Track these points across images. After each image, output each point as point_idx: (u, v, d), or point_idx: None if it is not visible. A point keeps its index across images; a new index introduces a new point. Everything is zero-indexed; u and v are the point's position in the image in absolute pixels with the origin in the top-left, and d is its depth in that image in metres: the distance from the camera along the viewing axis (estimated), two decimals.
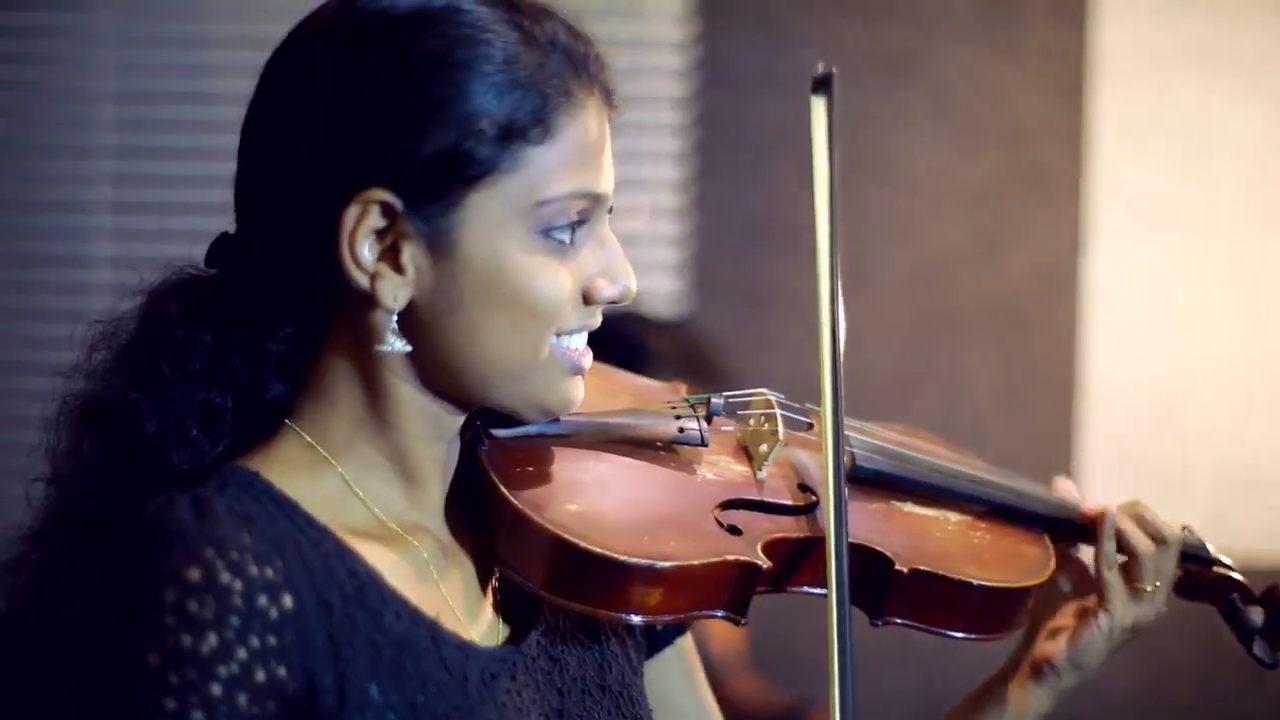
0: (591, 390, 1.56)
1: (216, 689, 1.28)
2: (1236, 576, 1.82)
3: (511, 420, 1.48)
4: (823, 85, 1.67)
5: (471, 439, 1.49)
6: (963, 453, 1.86)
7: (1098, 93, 4.30)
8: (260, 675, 1.29)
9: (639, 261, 4.46)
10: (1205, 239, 4.32)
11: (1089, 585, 1.76)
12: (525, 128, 1.38)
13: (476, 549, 1.49)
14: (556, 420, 1.50)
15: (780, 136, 4.34)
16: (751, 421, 1.66)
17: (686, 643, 1.67)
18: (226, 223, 1.50)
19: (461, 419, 1.48)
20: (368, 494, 1.44)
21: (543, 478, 1.48)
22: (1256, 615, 1.79)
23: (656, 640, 1.64)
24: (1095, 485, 4.34)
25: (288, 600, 1.31)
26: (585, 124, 1.42)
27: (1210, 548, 1.84)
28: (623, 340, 3.51)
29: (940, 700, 2.01)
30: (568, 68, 1.41)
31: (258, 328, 1.44)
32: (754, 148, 4.34)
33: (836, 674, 1.43)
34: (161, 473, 1.41)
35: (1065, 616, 1.75)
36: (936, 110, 4.35)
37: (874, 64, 4.34)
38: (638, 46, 4.35)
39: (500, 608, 1.50)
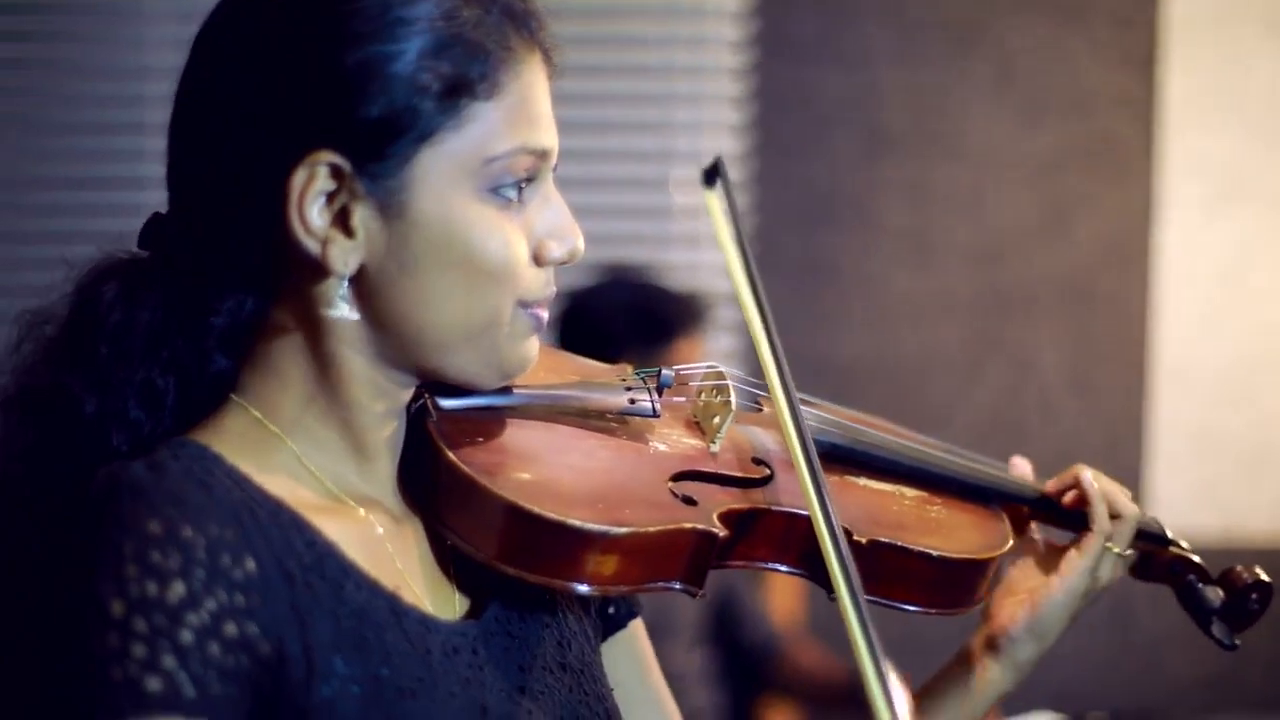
0: (539, 368, 1.53)
1: (187, 636, 1.23)
2: (1193, 558, 1.79)
3: (459, 392, 1.46)
4: (712, 176, 1.71)
5: (419, 411, 1.46)
6: (907, 433, 1.81)
7: (1168, 61, 4.25)
8: (231, 629, 1.26)
9: (700, 235, 4.45)
10: (1278, 211, 4.27)
11: (1042, 557, 1.76)
12: (471, 83, 1.34)
13: (428, 523, 1.46)
14: (506, 391, 1.48)
15: (840, 108, 4.30)
16: (703, 395, 1.64)
17: (637, 628, 1.64)
18: None
19: (409, 391, 1.45)
20: (319, 469, 1.41)
21: (493, 448, 1.45)
22: (1214, 596, 1.76)
23: (610, 623, 1.62)
24: (1168, 465, 4.30)
25: (250, 563, 1.28)
26: (529, 79, 1.39)
27: (1167, 530, 1.82)
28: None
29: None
30: (508, 23, 1.38)
31: (200, 304, 1.40)
32: (814, 119, 4.30)
33: (865, 653, 1.37)
34: (102, 455, 1.37)
35: (1019, 588, 1.73)
36: (1002, 81, 4.30)
37: (937, 34, 4.30)
38: (697, 17, 4.32)
39: (458, 583, 1.47)
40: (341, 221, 1.35)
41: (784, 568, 1.56)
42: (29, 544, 1.34)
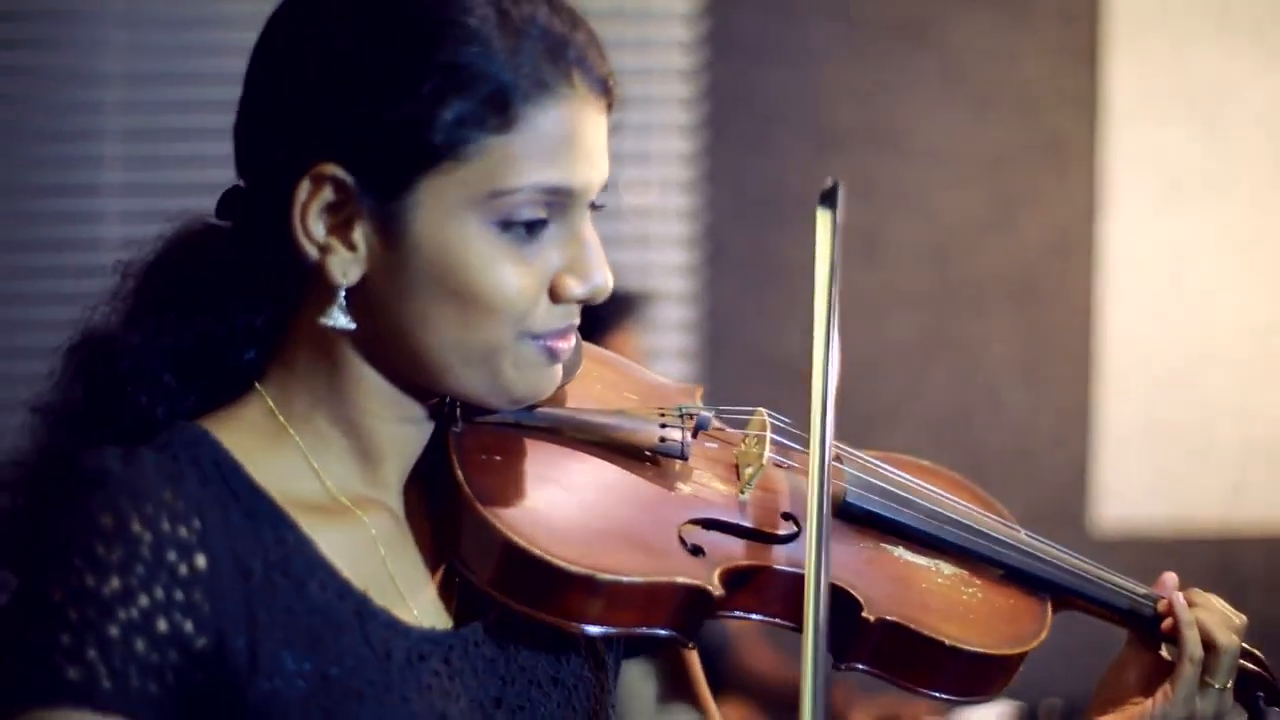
0: (595, 382, 1.51)
1: (114, 630, 1.27)
2: (1264, 674, 1.69)
3: (475, 404, 1.44)
4: (829, 198, 1.63)
5: (446, 420, 1.45)
6: (988, 504, 1.72)
7: (1112, 58, 4.27)
8: (162, 625, 1.28)
9: (649, 235, 4.45)
10: (1223, 205, 4.30)
11: (1153, 671, 1.66)
12: (483, 116, 1.32)
13: (434, 533, 1.46)
14: (535, 411, 1.46)
15: (790, 107, 4.32)
16: (745, 441, 1.59)
17: (681, 661, 1.61)
18: None
19: (427, 402, 1.44)
20: (322, 466, 1.42)
21: (507, 470, 1.44)
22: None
23: (635, 640, 1.57)
24: (1114, 458, 4.32)
25: (200, 560, 1.31)
26: (558, 115, 1.35)
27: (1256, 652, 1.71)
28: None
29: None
30: (543, 55, 1.34)
31: (232, 285, 1.43)
32: (764, 119, 4.32)
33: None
34: (131, 414, 1.41)
35: (1123, 696, 1.65)
36: (948, 78, 4.32)
37: (884, 32, 4.32)
38: (645, 18, 4.33)
39: (454, 592, 1.46)
40: (343, 234, 1.35)
41: (793, 625, 1.46)
42: (29, 501, 1.39)
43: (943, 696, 1.56)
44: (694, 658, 1.61)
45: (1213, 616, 1.63)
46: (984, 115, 4.32)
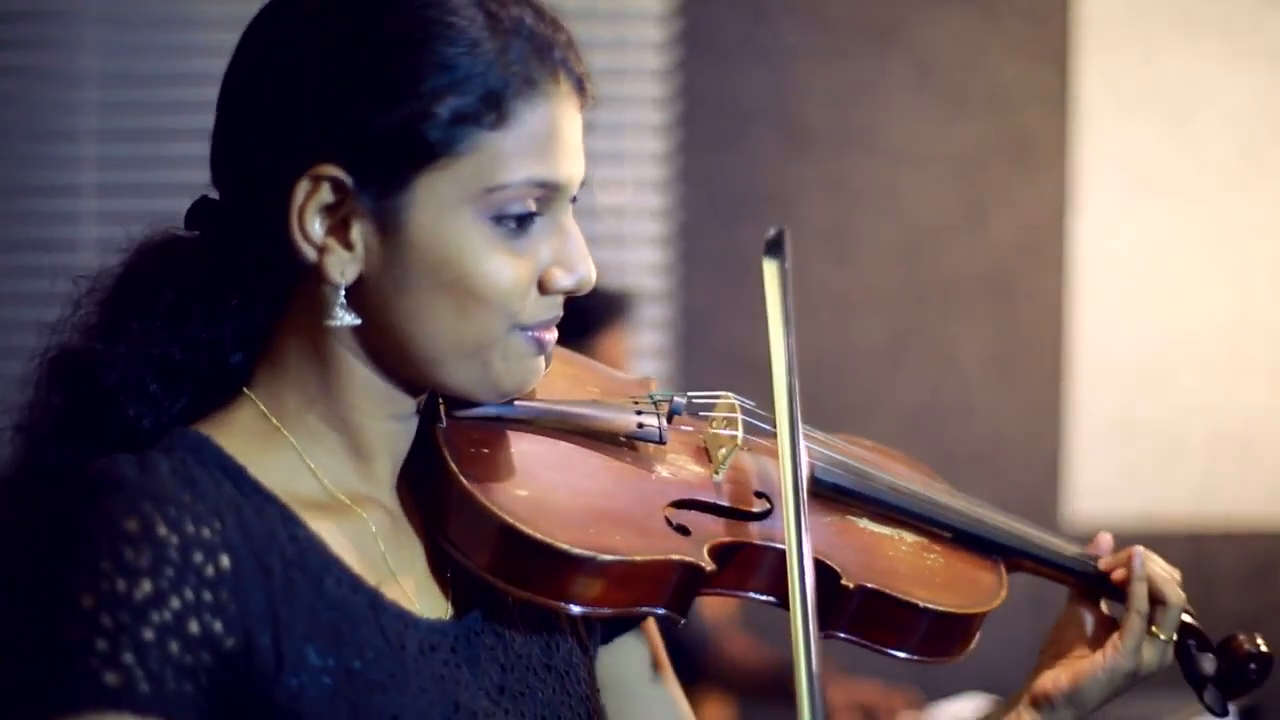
0: (559, 378, 1.55)
1: (148, 634, 1.28)
2: (1193, 623, 1.75)
3: (470, 402, 1.48)
4: (774, 248, 1.66)
5: (430, 416, 1.48)
6: (932, 475, 1.81)
7: (1082, 57, 4.30)
8: (194, 626, 1.30)
9: (623, 234, 4.47)
10: (1193, 203, 4.33)
11: (1095, 627, 1.74)
12: (479, 113, 1.36)
13: (426, 526, 1.49)
14: (516, 404, 1.50)
15: (762, 107, 4.34)
16: (713, 424, 1.65)
17: (649, 630, 1.66)
18: None
19: (415, 398, 1.48)
20: (318, 465, 1.44)
21: (496, 461, 1.46)
22: (1208, 664, 1.74)
23: (611, 627, 1.63)
24: (1086, 453, 4.35)
25: (224, 560, 1.32)
26: (546, 112, 1.39)
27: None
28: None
29: (922, 666, 1.99)
30: (531, 55, 1.39)
31: (220, 291, 1.45)
32: (737, 118, 4.34)
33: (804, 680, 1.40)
34: (118, 425, 1.43)
35: (1068, 652, 1.72)
36: (920, 78, 4.34)
37: (856, 33, 4.34)
38: (619, 19, 4.34)
39: (449, 584, 1.50)
40: (341, 233, 1.38)
41: (774, 600, 1.54)
42: (35, 513, 1.38)
43: (910, 657, 1.62)
44: (659, 641, 1.66)
45: (1160, 573, 1.69)
46: (955, 115, 4.35)
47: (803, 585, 1.43)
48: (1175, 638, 1.70)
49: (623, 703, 1.62)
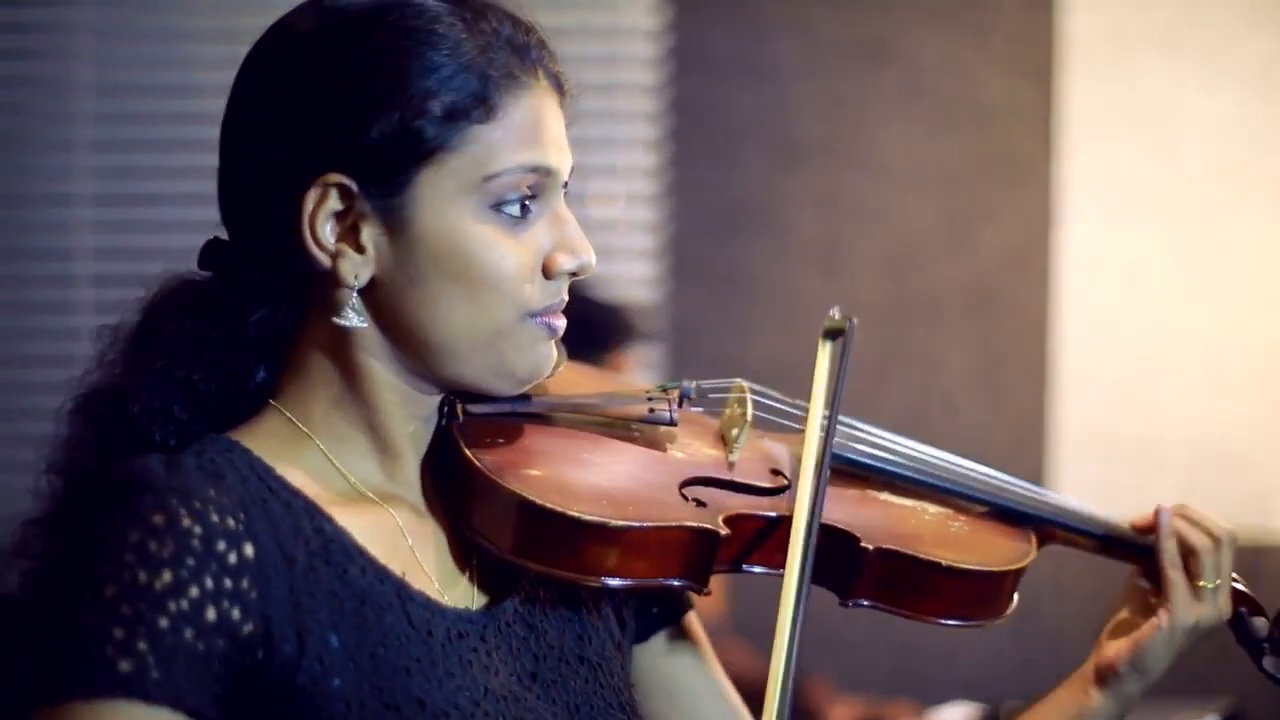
0: (570, 379, 1.61)
1: (164, 622, 1.33)
2: (1244, 590, 1.76)
3: (485, 398, 1.53)
4: (836, 335, 1.76)
5: (446, 413, 1.53)
6: (955, 459, 1.81)
7: (1067, 76, 4.33)
8: (211, 613, 1.35)
9: (615, 248, 4.51)
10: (1174, 221, 4.35)
11: (1148, 596, 1.76)
12: (469, 107, 1.44)
13: (451, 520, 1.53)
14: (530, 398, 1.55)
15: (753, 122, 4.37)
16: (726, 409, 1.69)
17: (690, 624, 1.70)
18: (208, 213, 1.56)
19: (435, 398, 1.53)
20: (345, 466, 1.49)
21: (512, 449, 1.51)
22: (1262, 628, 1.76)
23: (654, 621, 1.66)
24: (1069, 466, 4.37)
25: (248, 549, 1.38)
26: (529, 103, 1.47)
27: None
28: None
29: (910, 676, 2.03)
30: (510, 53, 1.47)
31: (238, 312, 1.49)
32: (727, 133, 4.37)
33: (783, 653, 1.46)
34: (146, 448, 1.45)
35: (1126, 625, 1.75)
36: (907, 95, 4.37)
37: (845, 49, 4.37)
38: (610, 35, 4.39)
39: (479, 578, 1.54)
40: (352, 238, 1.45)
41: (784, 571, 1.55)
42: (74, 518, 1.44)
43: (950, 623, 1.63)
44: (703, 635, 1.69)
45: (1189, 526, 1.73)
46: (942, 131, 4.38)
47: (804, 568, 1.48)
48: (1223, 585, 1.72)
49: (673, 698, 1.67)
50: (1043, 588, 4.46)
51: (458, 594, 1.51)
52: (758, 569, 1.58)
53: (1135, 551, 1.76)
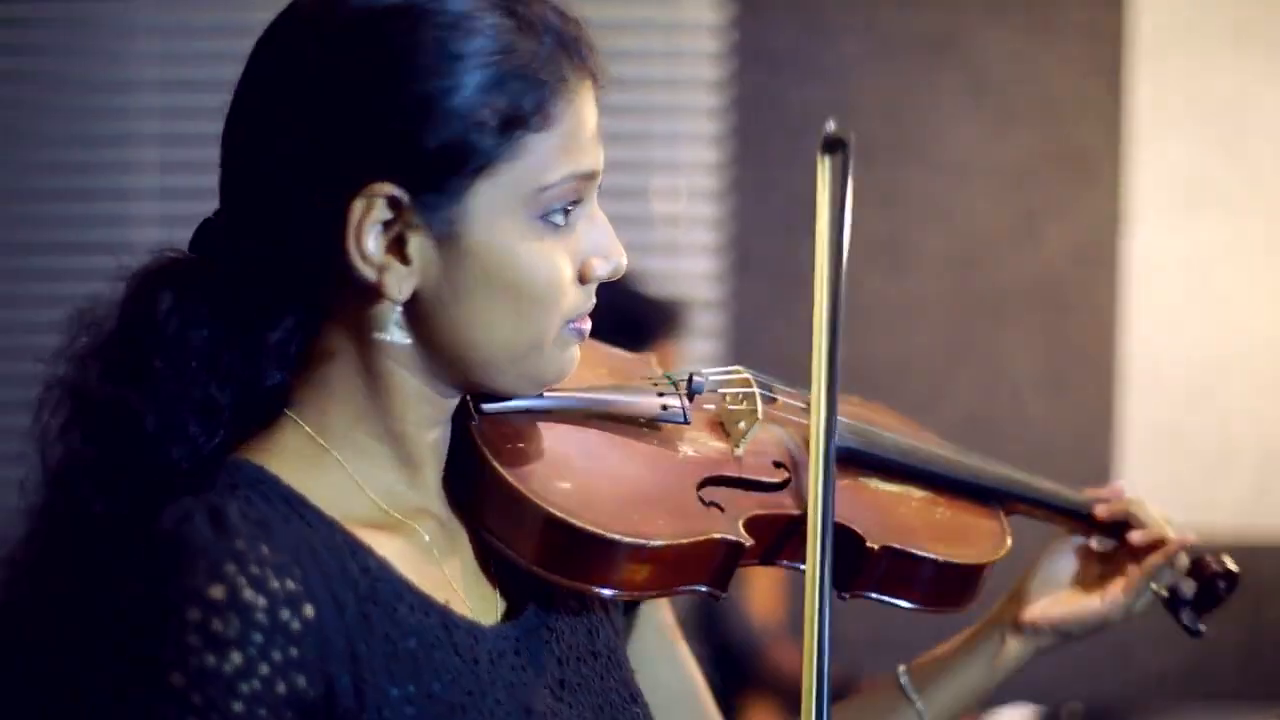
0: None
1: (239, 706, 1.26)
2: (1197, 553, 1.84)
3: (496, 395, 1.48)
4: (833, 147, 1.70)
5: (461, 415, 1.48)
6: (914, 425, 1.87)
7: (1135, 72, 4.30)
8: (281, 688, 1.28)
9: (677, 243, 4.48)
10: (1244, 217, 4.32)
11: (1095, 563, 1.80)
12: (527, 116, 1.36)
13: (469, 525, 1.49)
14: (542, 394, 1.51)
15: (816, 118, 4.32)
16: (728, 399, 1.65)
17: (661, 612, 1.68)
18: None
19: (455, 402, 1.47)
20: (368, 482, 1.42)
21: (533, 453, 1.48)
22: (1189, 588, 1.81)
23: (628, 605, 1.64)
24: (1136, 464, 4.34)
25: (309, 610, 1.30)
26: (579, 107, 1.40)
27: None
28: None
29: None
30: (561, 53, 1.39)
31: (256, 319, 1.42)
32: (790, 129, 4.35)
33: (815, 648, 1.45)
34: (158, 469, 1.38)
35: (1061, 584, 1.79)
36: (973, 91, 4.35)
37: (910, 45, 4.35)
38: (674, 30, 4.38)
39: (499, 585, 1.50)
40: (397, 249, 1.36)
41: (803, 567, 1.55)
42: (91, 565, 1.36)
43: (929, 609, 1.65)
44: (667, 606, 1.69)
45: (1176, 544, 1.75)
46: (1009, 127, 4.35)
47: (824, 552, 1.47)
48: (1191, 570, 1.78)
49: (642, 684, 1.62)
50: None
51: (486, 607, 1.47)
52: (768, 563, 1.58)
53: (1101, 531, 1.80)
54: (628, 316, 3.57)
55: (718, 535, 1.48)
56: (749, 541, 1.50)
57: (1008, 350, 4.39)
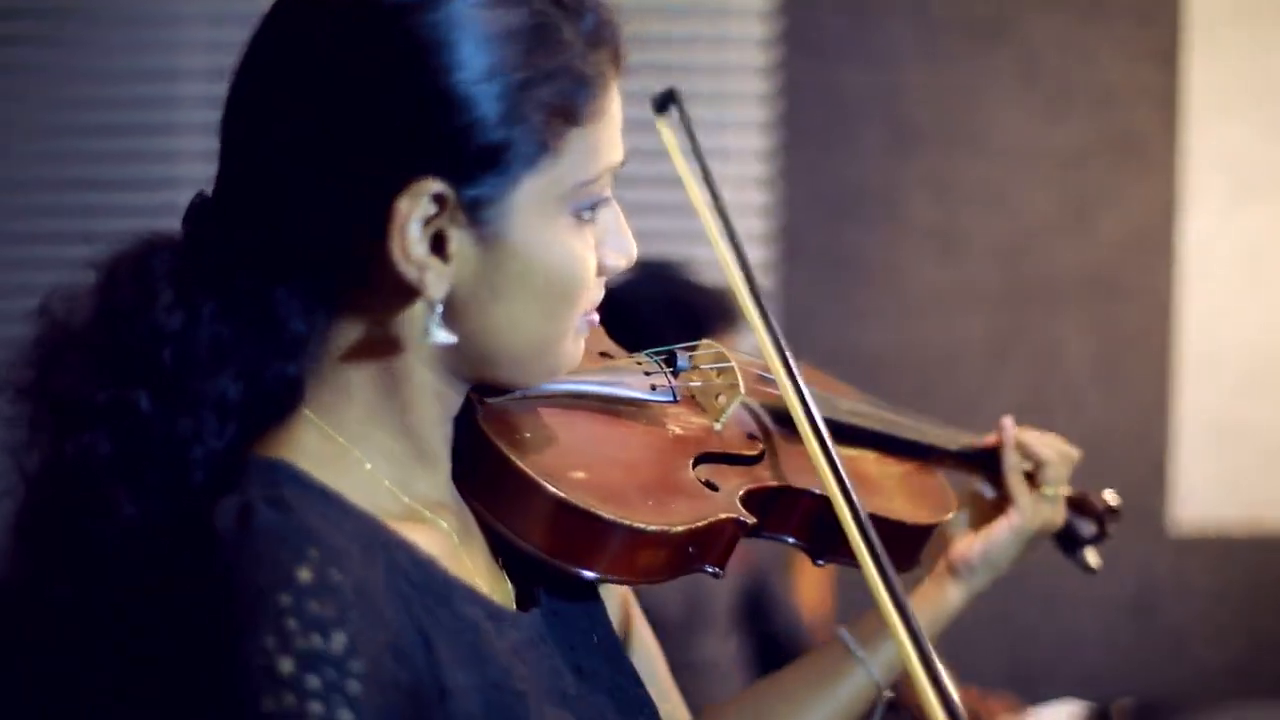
0: None
1: (355, 686, 1.20)
2: (1074, 494, 1.94)
3: (505, 388, 1.46)
4: (665, 103, 1.73)
5: (465, 406, 1.46)
6: (849, 387, 1.90)
7: (1190, 56, 4.27)
8: (387, 668, 1.24)
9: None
10: None
11: (994, 501, 1.89)
12: (573, 110, 1.33)
13: (477, 513, 1.46)
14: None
15: (866, 105, 4.34)
16: (701, 372, 1.66)
17: (622, 592, 1.67)
18: None
19: (464, 393, 1.44)
20: (389, 479, 1.39)
21: (541, 442, 1.46)
22: (1087, 528, 1.94)
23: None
24: (1191, 453, 4.31)
25: (383, 600, 1.27)
26: (613, 95, 1.38)
27: None
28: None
29: (1026, 667, 2.00)
30: (601, 45, 1.36)
31: (272, 313, 1.36)
32: (840, 116, 4.33)
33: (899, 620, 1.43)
34: (179, 470, 1.33)
35: (975, 524, 1.88)
36: (1026, 77, 4.32)
37: (962, 31, 4.32)
38: (723, 15, 4.35)
39: (506, 570, 1.48)
40: (437, 247, 1.32)
41: (789, 539, 1.62)
42: (144, 576, 1.31)
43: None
44: (634, 603, 1.70)
45: (1036, 438, 1.88)
46: (1061, 114, 4.33)
47: (856, 515, 1.48)
48: (1060, 494, 1.87)
49: None
50: (1165, 585, 4.43)
51: (504, 596, 1.45)
52: (764, 537, 1.61)
53: (982, 462, 1.89)
54: (685, 307, 3.56)
55: (725, 515, 1.49)
56: (752, 520, 1.52)
57: (1060, 339, 4.36)
